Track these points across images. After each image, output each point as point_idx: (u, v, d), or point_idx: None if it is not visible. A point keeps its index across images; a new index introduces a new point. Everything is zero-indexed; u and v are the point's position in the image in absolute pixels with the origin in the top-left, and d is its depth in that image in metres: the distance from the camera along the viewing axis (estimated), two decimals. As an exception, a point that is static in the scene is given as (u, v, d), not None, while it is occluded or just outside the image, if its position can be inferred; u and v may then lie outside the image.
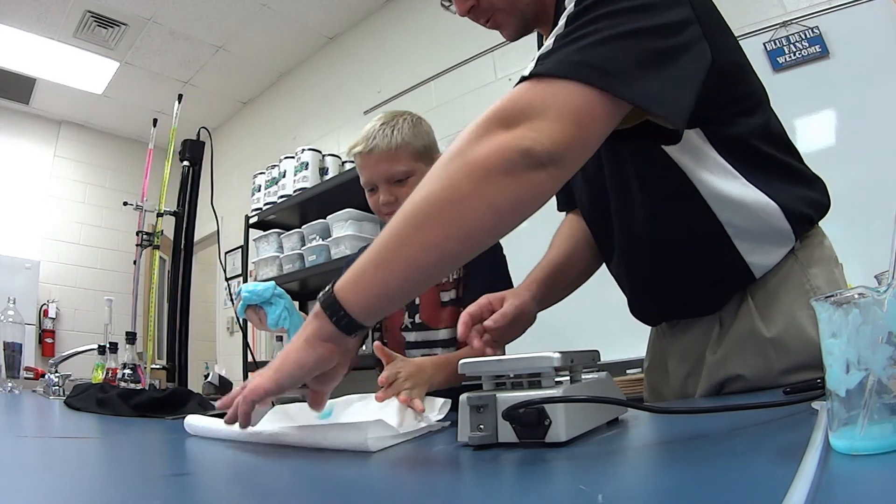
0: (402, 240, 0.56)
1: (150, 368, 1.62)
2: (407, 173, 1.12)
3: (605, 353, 0.75)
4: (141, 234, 1.74)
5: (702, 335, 0.88)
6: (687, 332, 0.91)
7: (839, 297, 0.35)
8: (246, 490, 0.45)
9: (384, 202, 1.14)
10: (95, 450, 0.73)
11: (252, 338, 3.31)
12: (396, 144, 1.11)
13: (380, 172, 1.13)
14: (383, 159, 1.12)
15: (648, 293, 0.92)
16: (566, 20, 0.61)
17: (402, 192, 1.13)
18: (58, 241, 4.57)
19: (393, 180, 1.13)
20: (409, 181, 1.12)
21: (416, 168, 1.13)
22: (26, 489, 0.45)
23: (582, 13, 0.60)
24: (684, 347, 0.92)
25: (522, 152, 0.54)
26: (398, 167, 1.12)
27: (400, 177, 1.12)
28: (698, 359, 0.89)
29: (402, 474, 0.50)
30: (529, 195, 0.57)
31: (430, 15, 3.26)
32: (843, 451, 0.35)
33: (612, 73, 0.56)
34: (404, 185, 1.13)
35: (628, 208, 0.86)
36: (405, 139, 1.12)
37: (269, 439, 0.65)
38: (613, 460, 0.48)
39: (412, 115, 1.18)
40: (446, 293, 1.18)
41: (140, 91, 4.29)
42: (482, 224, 0.56)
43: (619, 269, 0.95)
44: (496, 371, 0.57)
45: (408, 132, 1.13)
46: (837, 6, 1.88)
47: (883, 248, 0.46)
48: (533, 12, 0.85)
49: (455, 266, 0.99)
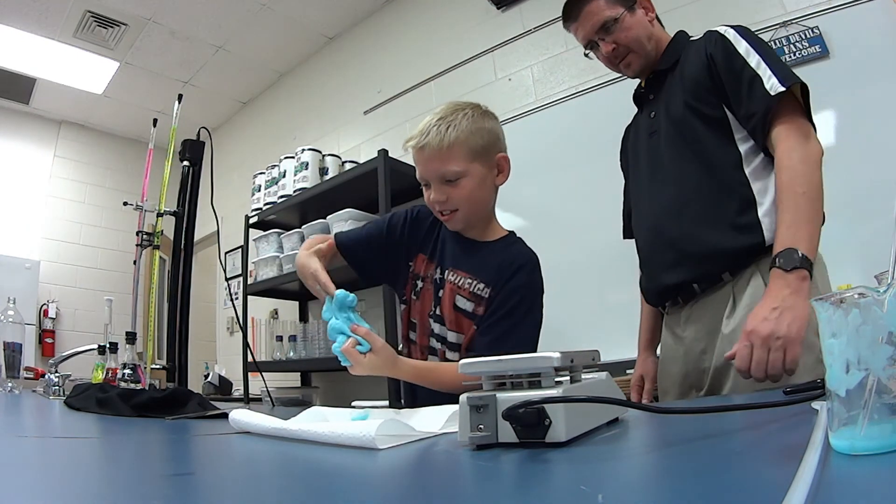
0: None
1: (150, 368, 1.62)
2: (459, 174, 1.07)
3: (605, 353, 0.75)
4: (141, 234, 1.73)
5: (716, 311, 1.07)
6: (703, 310, 1.10)
7: (839, 297, 0.35)
8: (246, 490, 0.45)
9: (435, 200, 1.10)
10: (95, 450, 0.73)
11: (252, 338, 3.31)
12: (449, 143, 1.05)
13: (432, 170, 1.08)
14: (435, 157, 1.06)
15: (675, 258, 1.11)
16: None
17: (454, 193, 1.08)
18: (58, 241, 4.57)
19: (445, 179, 1.07)
20: (462, 182, 1.07)
21: (470, 169, 1.07)
22: (26, 489, 0.45)
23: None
24: (700, 326, 1.10)
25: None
26: (450, 167, 1.06)
27: (451, 177, 1.07)
28: (712, 333, 1.07)
29: (403, 474, 0.50)
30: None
31: (430, 15, 3.26)
32: (843, 451, 0.35)
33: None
34: (456, 185, 1.07)
35: (679, 178, 1.12)
36: (460, 137, 1.05)
37: (294, 434, 0.67)
38: (613, 460, 0.48)
39: (475, 110, 1.11)
40: (463, 300, 1.12)
41: (140, 91, 4.29)
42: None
43: (652, 236, 1.18)
44: (496, 371, 0.56)
45: (464, 129, 1.06)
46: (837, 6, 1.88)
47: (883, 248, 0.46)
48: (654, 56, 1.22)
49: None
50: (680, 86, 1.15)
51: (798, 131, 0.99)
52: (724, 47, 1.08)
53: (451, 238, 1.20)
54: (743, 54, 1.05)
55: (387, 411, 0.91)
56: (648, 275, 1.22)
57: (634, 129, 1.32)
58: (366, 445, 0.56)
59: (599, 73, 2.44)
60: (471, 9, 2.99)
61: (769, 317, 0.88)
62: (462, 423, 0.53)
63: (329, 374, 3.25)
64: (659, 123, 1.19)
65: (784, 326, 0.86)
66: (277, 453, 0.62)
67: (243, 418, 0.78)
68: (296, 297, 3.48)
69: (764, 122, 1.01)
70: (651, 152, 1.21)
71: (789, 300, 0.88)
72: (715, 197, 1.07)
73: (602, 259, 2.21)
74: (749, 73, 1.03)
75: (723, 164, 1.08)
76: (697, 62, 1.12)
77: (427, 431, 0.66)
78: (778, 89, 0.98)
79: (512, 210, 2.58)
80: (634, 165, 1.29)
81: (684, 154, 1.12)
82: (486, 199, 1.14)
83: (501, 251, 1.14)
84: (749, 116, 1.04)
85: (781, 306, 0.88)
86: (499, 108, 2.81)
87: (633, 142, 1.31)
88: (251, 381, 3.06)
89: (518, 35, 2.80)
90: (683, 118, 1.12)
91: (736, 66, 1.05)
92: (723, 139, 1.09)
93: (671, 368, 1.18)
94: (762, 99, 1.00)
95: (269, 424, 0.72)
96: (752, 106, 1.03)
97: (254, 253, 3.26)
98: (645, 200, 1.22)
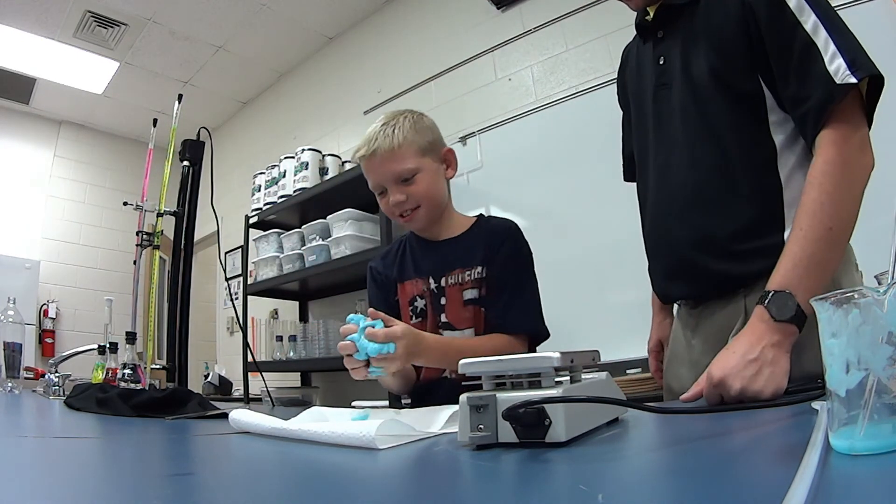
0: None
1: (150, 368, 1.62)
2: (414, 171, 1.10)
3: (605, 353, 0.75)
4: (141, 234, 1.73)
5: (726, 322, 0.93)
6: (713, 322, 0.97)
7: (839, 297, 0.35)
8: (246, 490, 0.45)
9: (395, 202, 1.11)
10: (95, 450, 0.73)
11: (252, 338, 3.31)
12: (399, 143, 1.09)
13: (386, 173, 1.11)
14: (388, 159, 1.09)
15: (682, 269, 0.98)
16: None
17: (413, 190, 1.11)
18: (58, 241, 4.57)
19: (400, 179, 1.10)
20: (417, 178, 1.11)
21: (423, 164, 1.11)
22: (26, 489, 0.45)
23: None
24: (708, 337, 0.98)
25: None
26: (405, 165, 1.10)
27: (407, 175, 1.10)
28: (720, 347, 0.91)
29: (403, 474, 0.50)
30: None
31: (430, 15, 3.26)
32: (843, 451, 0.35)
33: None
34: (412, 182, 1.11)
35: (699, 165, 0.93)
36: (407, 137, 1.10)
37: (293, 434, 0.67)
38: (613, 460, 0.48)
39: (413, 113, 1.16)
40: (469, 291, 1.14)
41: (140, 91, 4.29)
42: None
43: (657, 229, 1.03)
44: (496, 371, 0.56)
45: (409, 129, 1.11)
46: (837, 6, 1.87)
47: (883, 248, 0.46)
48: None
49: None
50: (704, 37, 0.92)
51: (852, 141, 0.78)
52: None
53: (423, 249, 1.22)
54: (794, 9, 0.80)
55: (387, 411, 0.91)
56: (653, 271, 1.09)
57: (637, 63, 1.10)
58: (366, 445, 0.56)
59: (599, 73, 2.44)
60: (471, 9, 2.99)
61: (744, 372, 0.72)
62: (462, 423, 0.53)
63: (329, 374, 3.25)
64: (672, 77, 0.98)
65: (759, 385, 0.71)
66: (277, 453, 0.62)
67: (243, 418, 0.78)
68: (296, 297, 3.48)
69: (819, 114, 0.78)
70: (659, 112, 1.01)
71: (769, 354, 0.73)
72: (733, 203, 0.89)
73: (602, 259, 2.22)
74: (803, 40, 0.79)
75: (751, 161, 0.88)
76: (732, 8, 0.87)
77: (427, 431, 0.66)
78: (847, 79, 0.75)
79: (512, 210, 2.58)
80: (638, 116, 1.09)
81: (703, 136, 0.92)
82: (442, 192, 1.18)
83: (482, 232, 1.19)
84: (798, 100, 0.81)
85: (761, 360, 0.72)
86: (499, 108, 2.85)
87: (636, 82, 1.10)
88: (251, 381, 3.06)
89: (518, 35, 2.80)
90: (706, 86, 0.91)
91: (784, 25, 0.81)
92: (754, 124, 0.88)
93: (679, 370, 1.07)
94: (821, 83, 0.77)
95: (269, 424, 0.72)
96: (804, 88, 0.79)
97: (254, 253, 3.26)
98: (651, 181, 1.04)
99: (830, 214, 0.77)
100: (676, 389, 1.08)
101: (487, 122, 2.79)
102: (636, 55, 1.11)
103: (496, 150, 2.74)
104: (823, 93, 0.77)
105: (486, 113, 2.83)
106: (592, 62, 2.51)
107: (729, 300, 0.93)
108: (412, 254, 1.24)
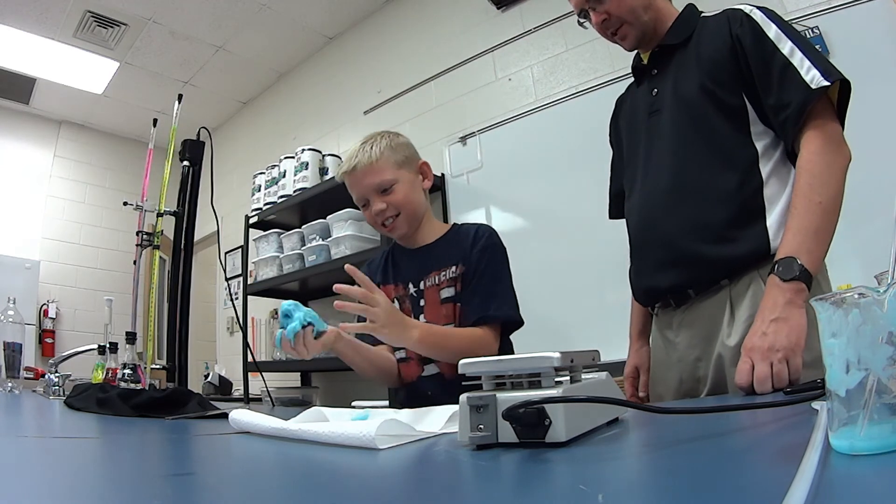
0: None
1: (150, 368, 1.62)
2: (392, 181, 1.22)
3: (605, 353, 0.75)
4: (141, 234, 1.73)
5: (712, 317, 1.02)
6: (698, 316, 1.04)
7: (839, 297, 0.35)
8: (246, 490, 0.45)
9: (377, 211, 1.23)
10: (95, 450, 0.73)
11: (252, 338, 3.31)
12: (376, 157, 1.21)
13: (368, 185, 1.23)
14: (368, 173, 1.22)
15: (668, 258, 1.05)
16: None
17: (392, 199, 1.23)
18: (58, 241, 4.57)
19: (380, 189, 1.22)
20: (395, 188, 1.23)
21: (400, 175, 1.24)
22: (26, 489, 0.45)
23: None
24: (694, 332, 1.05)
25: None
26: (383, 177, 1.22)
27: (386, 185, 1.22)
28: (707, 340, 1.02)
29: (403, 474, 0.50)
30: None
31: (430, 15, 3.26)
32: (843, 451, 0.35)
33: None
34: (391, 192, 1.22)
35: (683, 168, 1.05)
36: (384, 153, 1.23)
37: (293, 434, 0.67)
38: (613, 460, 0.48)
39: (388, 132, 1.29)
40: (445, 290, 1.23)
41: (140, 91, 4.29)
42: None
43: (645, 227, 1.11)
44: (496, 371, 0.56)
45: (385, 147, 1.23)
46: (837, 6, 1.88)
47: (883, 248, 0.46)
48: (651, 28, 1.12)
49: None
50: (695, 65, 1.06)
51: (830, 135, 0.92)
52: (753, 29, 0.99)
53: (405, 256, 1.32)
54: (773, 39, 0.97)
55: (387, 411, 0.91)
56: (638, 270, 1.15)
57: (630, 103, 1.24)
58: (366, 445, 0.56)
59: (599, 73, 2.44)
60: (471, 9, 3.00)
61: (767, 330, 0.85)
62: (462, 423, 0.53)
63: (329, 374, 3.25)
64: (663, 102, 1.11)
65: (783, 338, 0.83)
66: (277, 453, 0.62)
67: (243, 418, 0.78)
68: (296, 297, 3.47)
69: (799, 115, 0.92)
70: (651, 132, 1.12)
71: (785, 311, 0.85)
72: (721, 194, 1.00)
73: (602, 259, 2.21)
74: (781, 60, 0.94)
75: (737, 159, 1.00)
76: (720, 42, 1.03)
77: (427, 431, 0.66)
78: (821, 83, 0.90)
79: (512, 210, 2.58)
80: (630, 143, 1.20)
81: (692, 140, 1.04)
82: (420, 200, 1.29)
83: (457, 235, 1.29)
84: (780, 107, 0.95)
85: (778, 317, 0.85)
86: (499, 108, 2.85)
87: (630, 117, 1.22)
88: (251, 381, 3.06)
89: (518, 35, 2.80)
90: (697, 101, 1.04)
91: (766, 50, 0.97)
92: (739, 131, 1.01)
93: (664, 374, 1.12)
94: (799, 90, 0.92)
95: (269, 424, 0.72)
96: (784, 95, 0.94)
97: (254, 253, 3.26)
98: (639, 183, 1.14)
99: (819, 191, 0.89)
100: (665, 395, 1.13)
101: (487, 122, 2.80)
102: (631, 98, 1.25)
103: (496, 150, 2.74)
104: (802, 96, 0.92)
105: (486, 113, 2.83)
106: (592, 62, 2.50)
107: (713, 294, 1.01)
108: (394, 261, 1.35)
